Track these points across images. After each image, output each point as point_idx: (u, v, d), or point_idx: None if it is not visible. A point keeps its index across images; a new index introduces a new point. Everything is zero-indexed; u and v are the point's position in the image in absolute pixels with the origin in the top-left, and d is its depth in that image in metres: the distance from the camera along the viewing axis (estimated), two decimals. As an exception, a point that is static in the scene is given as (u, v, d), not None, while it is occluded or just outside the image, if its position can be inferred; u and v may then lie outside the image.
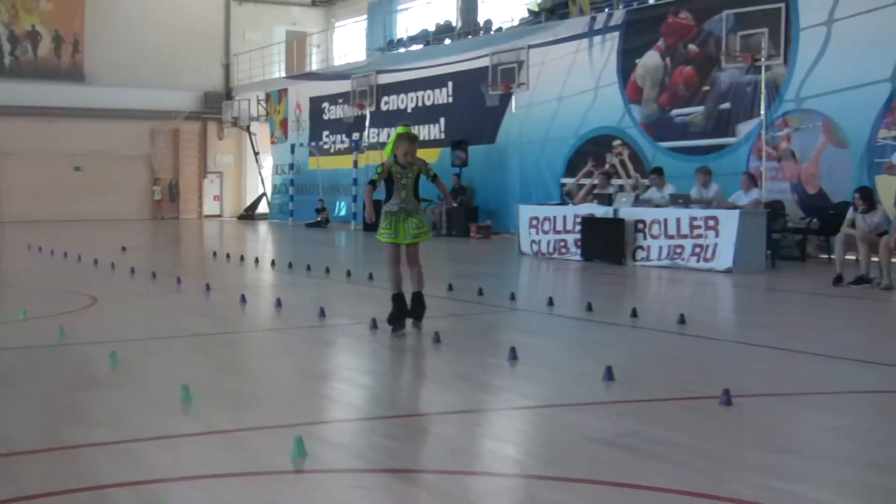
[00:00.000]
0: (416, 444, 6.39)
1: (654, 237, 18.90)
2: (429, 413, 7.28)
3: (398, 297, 10.67)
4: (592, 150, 26.14)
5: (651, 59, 25.09)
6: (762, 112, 21.75)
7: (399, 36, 38.84)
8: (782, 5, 21.44)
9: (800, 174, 21.34)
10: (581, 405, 7.41)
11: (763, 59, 21.57)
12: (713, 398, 7.30)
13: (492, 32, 32.75)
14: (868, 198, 15.84)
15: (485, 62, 30.27)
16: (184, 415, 7.03)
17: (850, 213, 16.02)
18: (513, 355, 9.03)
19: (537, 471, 5.73)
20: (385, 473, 5.63)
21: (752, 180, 19.51)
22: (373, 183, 10.77)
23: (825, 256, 20.02)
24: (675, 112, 24.39)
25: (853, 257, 15.80)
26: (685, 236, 18.36)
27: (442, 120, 32.99)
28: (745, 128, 22.51)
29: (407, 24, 38.51)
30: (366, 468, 5.75)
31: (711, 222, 17.97)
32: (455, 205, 23.93)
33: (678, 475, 5.54)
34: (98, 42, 42.69)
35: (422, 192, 11.16)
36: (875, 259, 15.36)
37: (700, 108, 23.73)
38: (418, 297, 10.69)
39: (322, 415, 7.28)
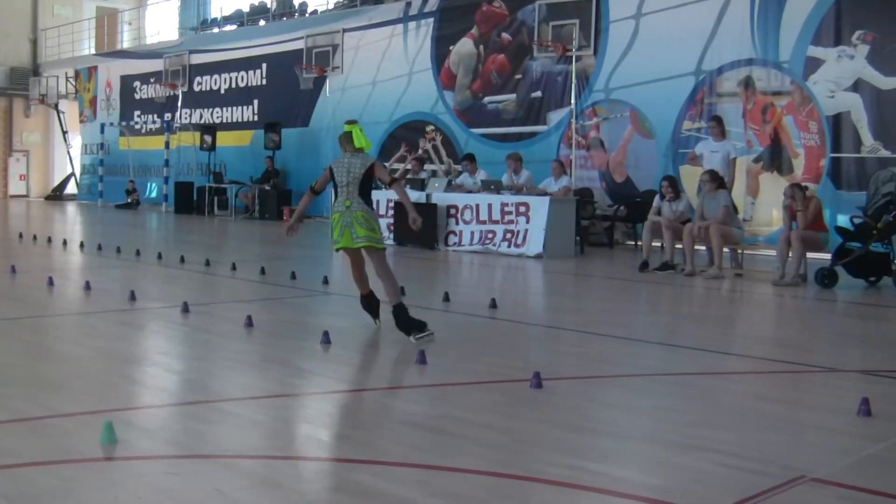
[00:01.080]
0: (229, 428, 6.35)
1: (466, 222, 19.12)
2: (242, 398, 7.24)
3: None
4: (406, 135, 26.31)
5: (465, 47, 25.36)
6: (572, 101, 22.20)
7: (213, 16, 38.35)
8: (593, -3, 21.93)
9: (608, 163, 21.88)
10: (394, 389, 7.48)
11: (574, 50, 22.02)
12: (524, 381, 7.44)
13: (307, 15, 32.63)
14: (674, 186, 16.36)
15: (299, 45, 30.20)
16: (-12, 401, 6.84)
17: (656, 202, 16.50)
18: (326, 339, 9.05)
19: (350, 454, 5.76)
20: (199, 459, 5.60)
21: (562, 168, 19.91)
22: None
23: (632, 243, 20.57)
24: (487, 99, 24.72)
25: (658, 244, 16.28)
26: (496, 222, 18.62)
27: (255, 102, 32.74)
28: (555, 116, 22.97)
29: (221, 3, 38.03)
30: (179, 454, 5.69)
31: (522, 208, 18.26)
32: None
33: (488, 457, 5.63)
34: None
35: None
36: (679, 246, 15.85)
37: (512, 96, 24.10)
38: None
39: (133, 400, 7.17)
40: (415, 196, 20.04)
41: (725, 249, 15.63)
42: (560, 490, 5.11)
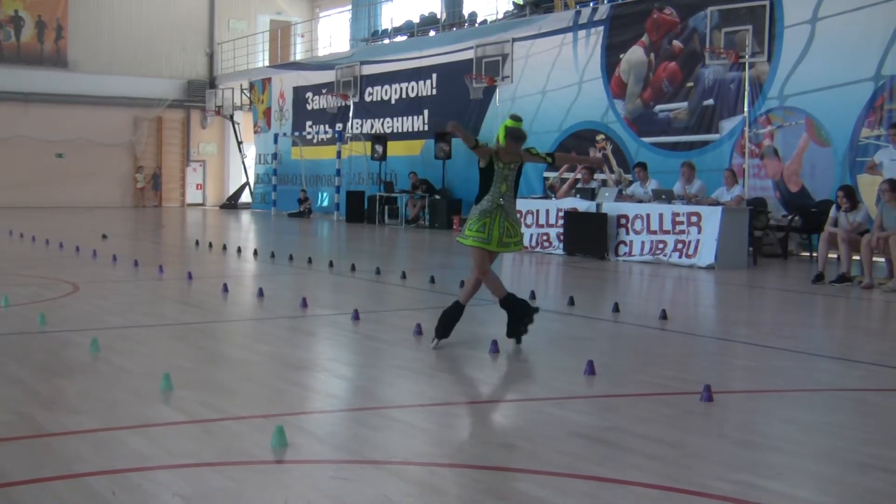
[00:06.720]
0: (397, 435, 6.38)
1: (636, 232, 18.93)
2: (410, 405, 7.28)
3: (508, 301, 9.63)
4: (576, 145, 26.14)
5: (635, 55, 25.12)
6: (745, 109, 21.80)
7: (383, 27, 38.81)
8: (767, 2, 21.49)
9: (782, 172, 21.40)
10: (562, 399, 7.41)
11: (747, 57, 21.62)
12: (694, 394, 7.32)
13: (476, 25, 32.75)
14: (851, 196, 15.91)
15: (469, 55, 30.30)
16: (164, 403, 7.01)
17: (833, 212, 16.08)
18: (494, 348, 9.04)
19: (517, 464, 5.73)
20: (366, 464, 5.64)
21: (735, 177, 19.55)
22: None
23: (807, 254, 20.09)
24: (658, 108, 24.43)
25: (835, 255, 15.85)
26: (668, 232, 18.39)
27: (426, 112, 32.97)
28: (728, 124, 22.56)
29: (392, 15, 38.47)
30: (347, 459, 5.75)
31: (694, 218, 18.00)
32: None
33: (656, 470, 5.55)
34: (81, 28, 42.60)
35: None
36: (856, 258, 15.41)
37: (684, 104, 23.77)
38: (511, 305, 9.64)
39: (303, 405, 7.27)
40: (585, 205, 19.96)
41: (906, 261, 15.15)
42: (731, 506, 5.00)
